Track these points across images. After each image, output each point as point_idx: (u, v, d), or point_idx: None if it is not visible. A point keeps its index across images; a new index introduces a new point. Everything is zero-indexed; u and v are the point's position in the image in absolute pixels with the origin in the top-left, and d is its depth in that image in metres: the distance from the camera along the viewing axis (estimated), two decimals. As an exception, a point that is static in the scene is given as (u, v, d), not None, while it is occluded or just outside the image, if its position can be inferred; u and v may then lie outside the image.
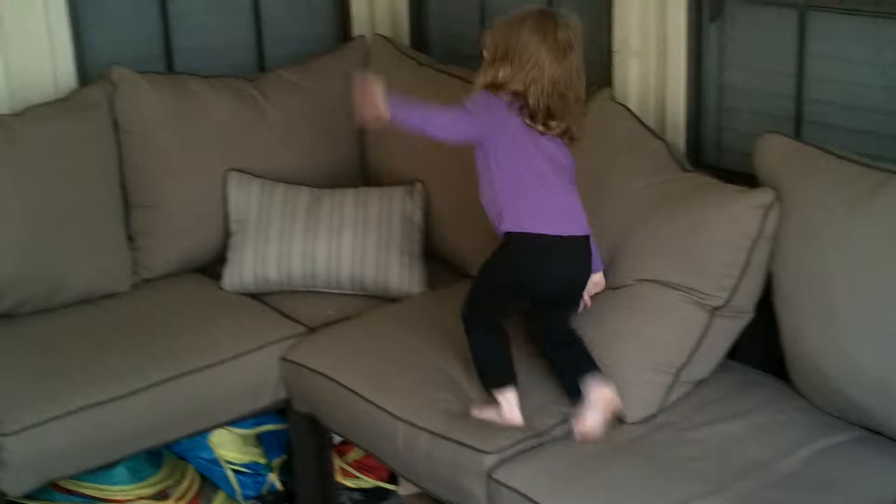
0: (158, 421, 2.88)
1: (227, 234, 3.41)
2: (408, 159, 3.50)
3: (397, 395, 2.76)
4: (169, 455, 3.22)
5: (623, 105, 3.15)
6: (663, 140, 3.02)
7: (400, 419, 2.69)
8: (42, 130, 3.15)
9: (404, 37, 4.00)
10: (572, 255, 2.66)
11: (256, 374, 3.02)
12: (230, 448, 3.25)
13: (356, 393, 2.81)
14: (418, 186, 3.41)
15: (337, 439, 3.23)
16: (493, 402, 2.65)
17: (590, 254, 2.69)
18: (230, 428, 3.16)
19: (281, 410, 3.16)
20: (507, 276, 2.67)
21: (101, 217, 3.27)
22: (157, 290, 3.30)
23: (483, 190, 2.67)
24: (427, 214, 3.41)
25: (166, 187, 3.36)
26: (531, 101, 2.57)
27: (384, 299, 3.27)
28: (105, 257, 3.26)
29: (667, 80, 3.17)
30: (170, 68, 3.69)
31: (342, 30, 3.99)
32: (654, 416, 2.65)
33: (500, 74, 2.59)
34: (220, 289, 3.31)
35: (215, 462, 3.23)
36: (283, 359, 3.02)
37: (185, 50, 3.71)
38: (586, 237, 2.67)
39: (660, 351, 2.66)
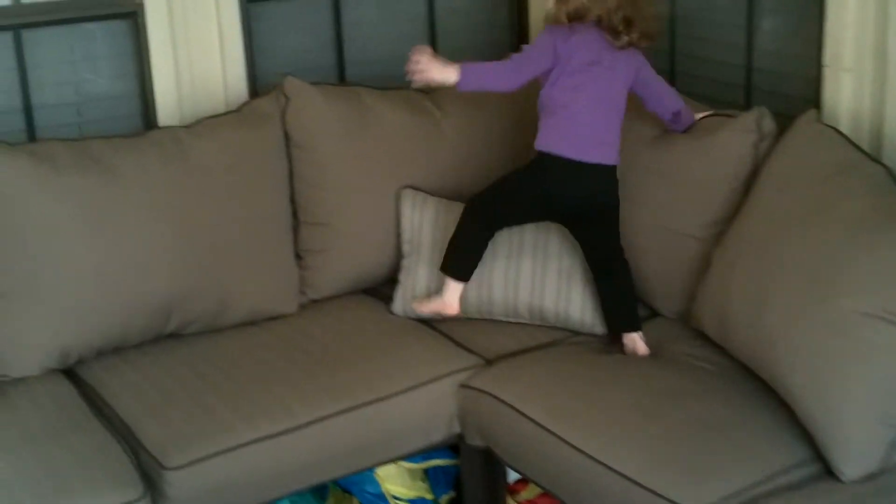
0: (327, 456, 2.71)
1: (398, 254, 3.24)
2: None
3: (586, 431, 2.54)
4: (334, 488, 3.06)
5: (832, 127, 2.86)
6: (882, 164, 2.72)
7: (589, 457, 2.48)
8: (214, 144, 3.03)
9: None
10: (592, 181, 2.92)
11: (430, 407, 2.82)
12: (397, 482, 3.07)
13: (541, 426, 2.60)
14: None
15: (511, 477, 3.02)
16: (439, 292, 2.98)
17: (615, 182, 2.95)
18: (398, 462, 2.98)
19: (452, 446, 2.97)
20: (528, 189, 2.94)
21: (271, 234, 3.13)
22: (324, 312, 3.15)
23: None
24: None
25: (337, 204, 3.21)
26: (613, 18, 2.85)
27: (565, 331, 3.05)
28: (273, 276, 3.12)
29: (885, 98, 2.87)
30: (341, 78, 3.55)
31: (518, 40, 3.80)
32: (874, 475, 2.36)
33: (580, 3, 2.85)
34: (390, 313, 3.14)
35: (381, 497, 3.05)
36: (463, 385, 2.83)
37: (356, 60, 3.58)
38: (612, 167, 2.93)
39: (889, 400, 2.37)
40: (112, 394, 2.74)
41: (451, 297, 3.00)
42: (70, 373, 2.87)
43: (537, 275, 3.04)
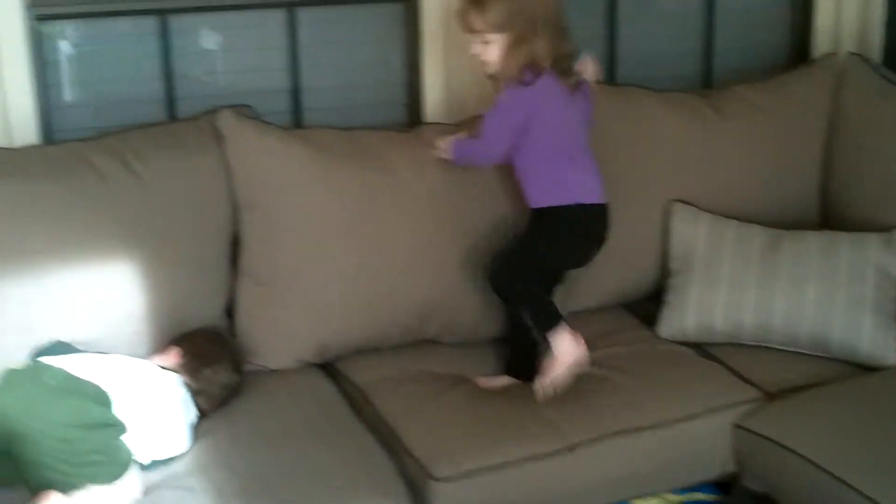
0: (590, 483, 2.53)
1: (662, 271, 3.05)
2: (883, 200, 3.00)
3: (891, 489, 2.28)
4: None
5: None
6: None
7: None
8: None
9: (874, 54, 3.45)
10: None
11: (704, 442, 2.61)
12: (651, 512, 2.88)
13: (837, 478, 2.35)
14: (896, 235, 2.90)
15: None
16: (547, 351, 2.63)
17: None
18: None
19: (720, 483, 2.75)
20: (578, 246, 2.81)
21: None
22: (585, 327, 2.90)
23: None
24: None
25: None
26: (562, 60, 2.64)
27: (850, 364, 2.78)
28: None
29: None
30: (611, 77, 3.35)
31: (799, 43, 3.53)
32: None
33: (536, 49, 2.59)
34: (655, 334, 2.94)
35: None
36: (738, 426, 2.61)
37: (627, 56, 3.37)
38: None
39: None
40: (375, 394, 2.64)
41: (565, 344, 2.64)
42: (327, 368, 2.78)
43: (823, 302, 2.79)
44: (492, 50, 2.62)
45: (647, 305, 3.05)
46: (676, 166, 3.06)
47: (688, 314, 2.90)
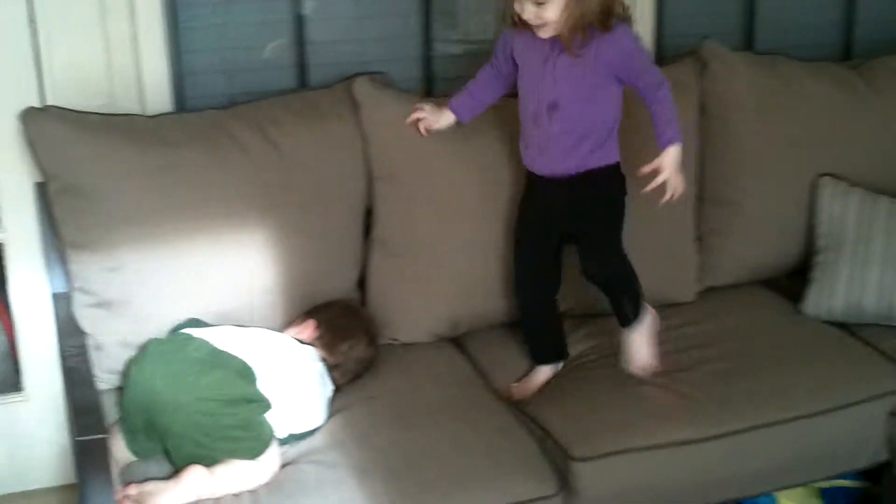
0: (734, 472, 2.42)
1: (807, 247, 2.92)
2: None
3: None
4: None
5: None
6: None
7: None
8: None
9: None
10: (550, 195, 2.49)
11: (857, 431, 2.50)
12: (791, 498, 2.76)
13: None
14: None
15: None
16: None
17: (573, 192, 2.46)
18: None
19: (865, 470, 2.63)
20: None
21: (673, 211, 2.79)
22: (723, 304, 2.86)
23: None
24: None
25: (748, 183, 2.90)
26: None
27: None
28: (672, 259, 2.85)
29: None
30: (749, 44, 3.21)
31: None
32: None
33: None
34: (799, 312, 2.81)
35: (773, 510, 2.76)
36: (894, 414, 2.49)
37: (766, 26, 3.22)
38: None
39: None
40: (506, 371, 2.57)
41: (650, 318, 2.57)
42: (458, 343, 2.71)
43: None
44: (551, 8, 2.31)
45: (790, 283, 2.92)
46: (825, 139, 2.93)
47: (836, 293, 2.77)
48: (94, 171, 2.35)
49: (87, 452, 1.98)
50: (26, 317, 2.65)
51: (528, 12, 2.33)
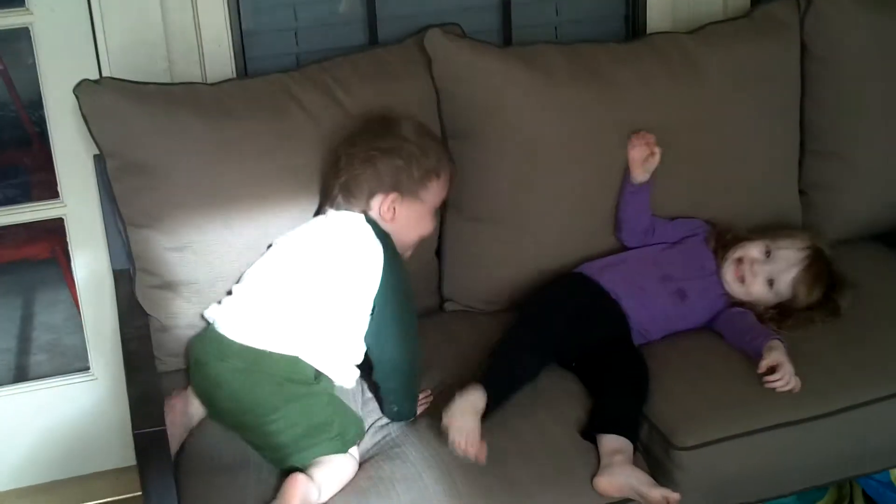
0: (850, 449, 2.22)
1: (925, 199, 2.68)
2: None
3: None
4: (836, 474, 2.59)
5: None
6: None
7: None
8: (726, 55, 2.55)
9: None
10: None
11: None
12: (907, 472, 2.56)
13: None
14: None
15: None
16: None
17: None
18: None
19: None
20: None
21: (776, 164, 2.64)
22: (842, 261, 2.61)
23: None
24: None
25: (856, 133, 2.66)
26: None
27: None
28: (777, 215, 2.63)
29: None
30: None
31: None
32: None
33: None
34: (913, 268, 2.59)
35: (890, 486, 2.56)
36: None
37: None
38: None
39: None
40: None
41: None
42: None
43: None
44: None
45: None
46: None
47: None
48: (154, 147, 2.19)
49: (147, 445, 1.85)
50: (90, 295, 2.56)
51: (758, 285, 2.36)
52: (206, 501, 1.97)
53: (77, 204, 2.48)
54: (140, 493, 1.82)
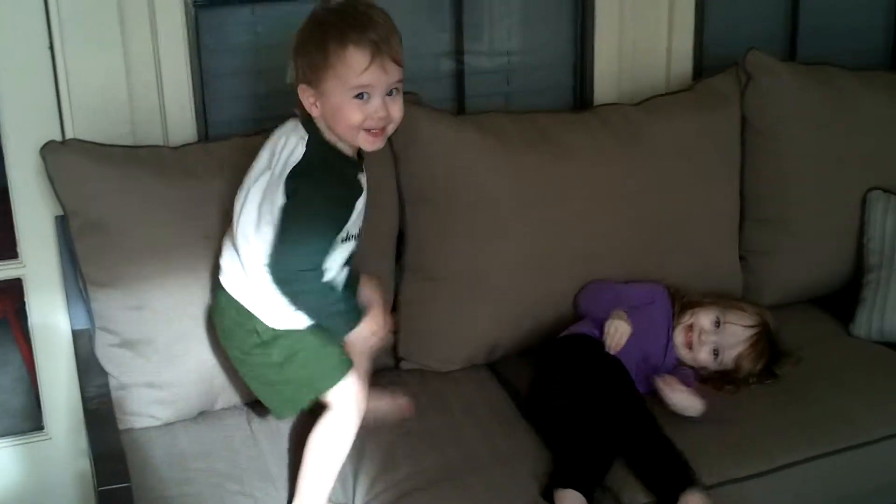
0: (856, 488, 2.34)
1: (855, 264, 2.81)
2: None
3: None
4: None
5: None
6: None
7: None
8: (668, 125, 2.66)
9: None
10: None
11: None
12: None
13: None
14: None
15: None
16: None
17: None
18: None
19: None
20: None
21: (717, 231, 2.74)
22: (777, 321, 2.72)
23: None
24: None
25: (795, 201, 2.78)
26: None
27: None
28: (715, 280, 2.73)
29: None
30: (792, 55, 3.10)
31: None
32: None
33: None
34: (849, 334, 2.70)
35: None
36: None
37: (809, 31, 3.11)
38: None
39: None
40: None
41: None
42: (493, 369, 2.59)
43: None
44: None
45: (839, 302, 2.80)
46: (875, 151, 2.81)
47: (888, 313, 2.65)
48: (118, 206, 2.24)
49: (111, 502, 1.87)
50: (47, 354, 2.55)
51: (704, 354, 2.48)
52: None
53: (37, 264, 2.50)
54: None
